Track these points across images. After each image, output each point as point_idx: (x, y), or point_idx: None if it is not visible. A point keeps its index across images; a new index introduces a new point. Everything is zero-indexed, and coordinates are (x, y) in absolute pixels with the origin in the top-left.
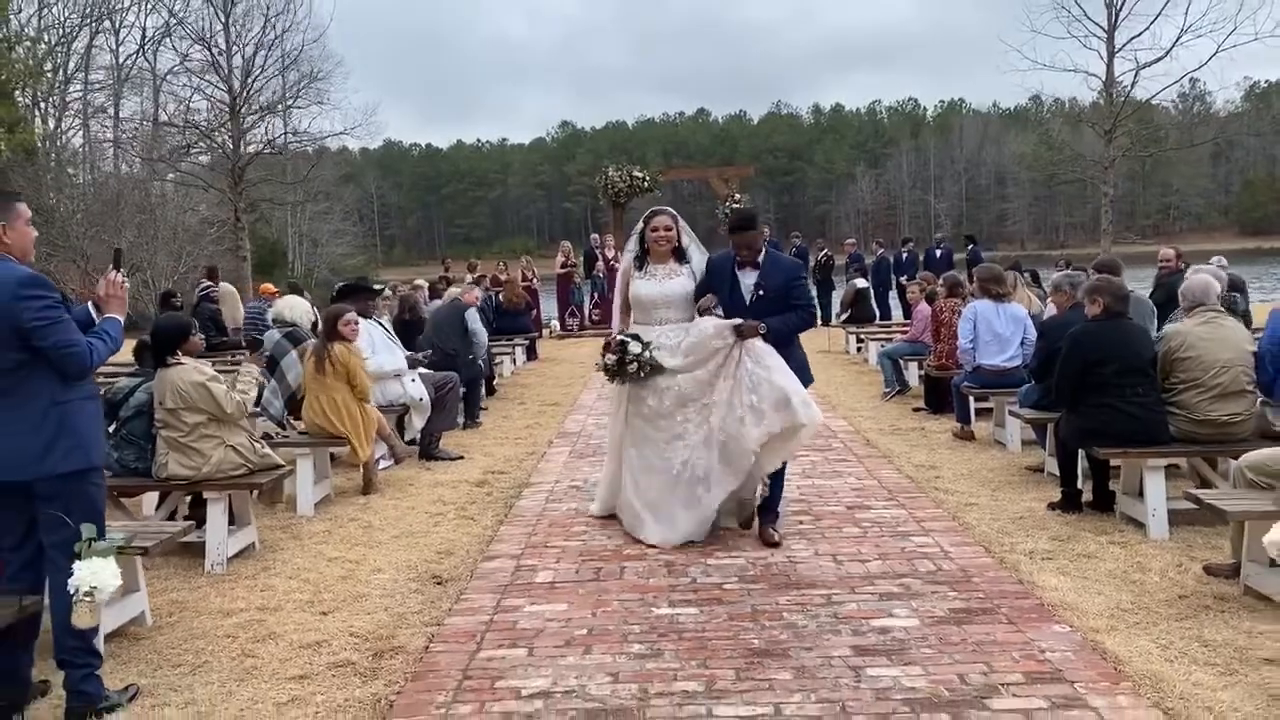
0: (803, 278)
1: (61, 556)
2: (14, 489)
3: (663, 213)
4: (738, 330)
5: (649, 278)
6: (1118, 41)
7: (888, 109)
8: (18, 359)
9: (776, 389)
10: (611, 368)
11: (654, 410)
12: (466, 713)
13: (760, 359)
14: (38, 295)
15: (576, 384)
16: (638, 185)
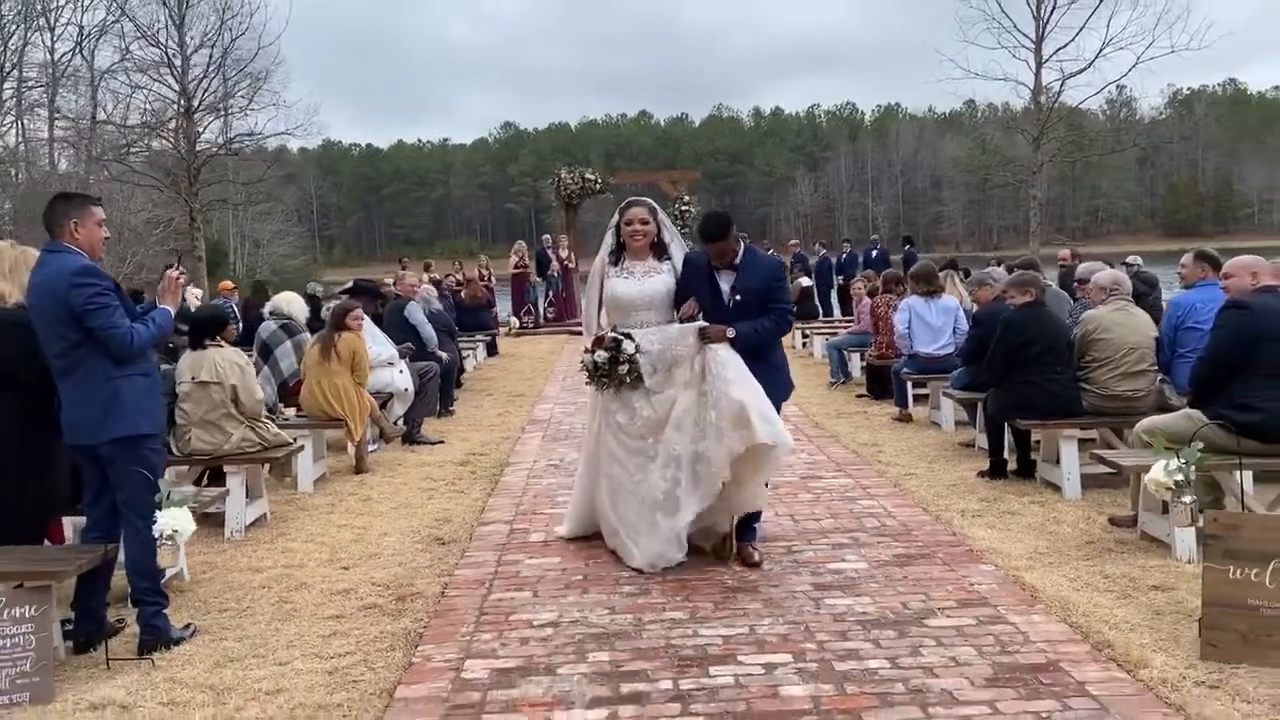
0: (782, 279)
1: (130, 511)
2: (87, 452)
3: (639, 204)
4: (702, 334)
5: (626, 276)
6: (1045, 52)
7: (826, 113)
8: (75, 339)
9: (734, 404)
10: (601, 366)
11: (624, 427)
12: (488, 639)
13: (721, 370)
14: (89, 283)
15: (539, 377)
16: (589, 187)
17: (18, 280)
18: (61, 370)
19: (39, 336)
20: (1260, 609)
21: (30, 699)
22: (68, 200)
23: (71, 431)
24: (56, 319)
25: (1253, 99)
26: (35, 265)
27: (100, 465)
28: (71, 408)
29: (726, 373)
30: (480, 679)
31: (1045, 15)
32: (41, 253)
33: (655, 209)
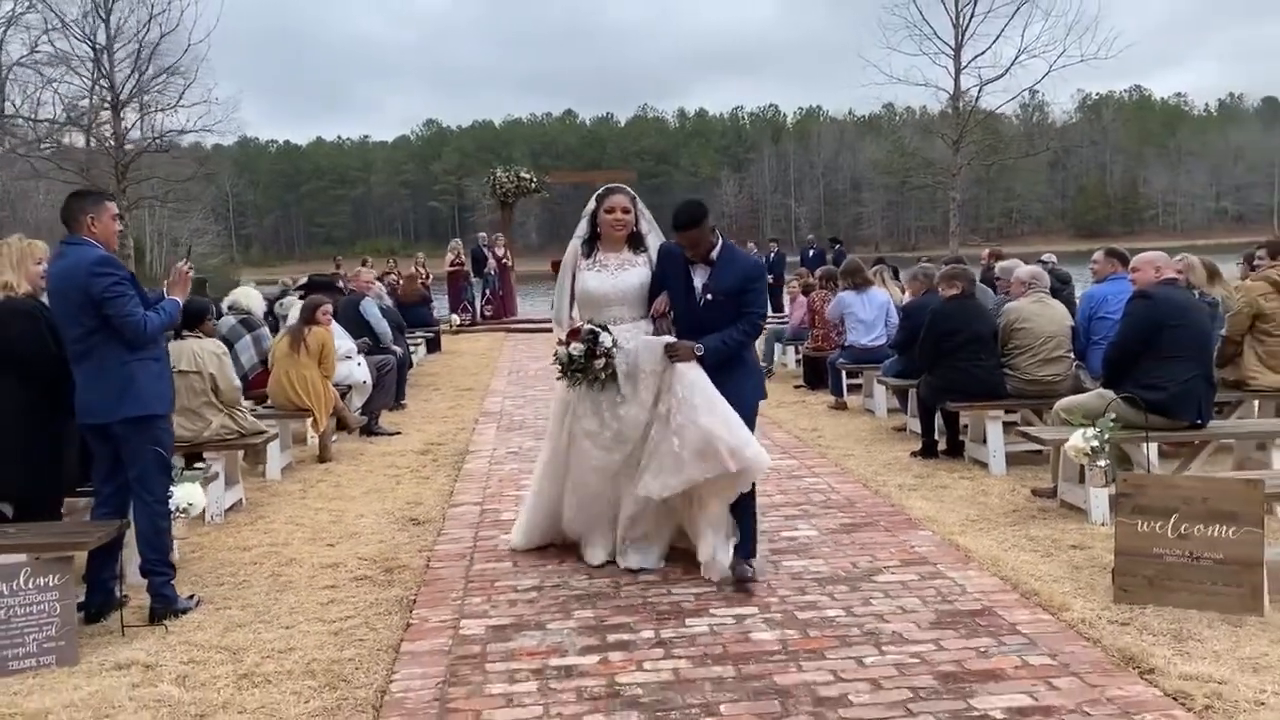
0: (761, 280)
1: (141, 487)
2: (100, 431)
3: (620, 191)
4: (669, 352)
5: (599, 268)
6: (964, 59)
7: (750, 115)
8: (92, 325)
9: (700, 433)
10: (576, 360)
11: (591, 434)
12: (478, 602)
13: (688, 394)
14: (108, 272)
15: (484, 373)
16: (525, 186)
17: (24, 271)
18: (78, 355)
19: (58, 322)
20: (1163, 556)
21: (57, 661)
22: (83, 197)
23: (87, 412)
24: (77, 305)
25: (1156, 105)
26: (54, 257)
27: (113, 444)
28: (88, 390)
29: (694, 397)
30: (478, 635)
31: (964, 23)
32: (61, 245)
33: (635, 197)
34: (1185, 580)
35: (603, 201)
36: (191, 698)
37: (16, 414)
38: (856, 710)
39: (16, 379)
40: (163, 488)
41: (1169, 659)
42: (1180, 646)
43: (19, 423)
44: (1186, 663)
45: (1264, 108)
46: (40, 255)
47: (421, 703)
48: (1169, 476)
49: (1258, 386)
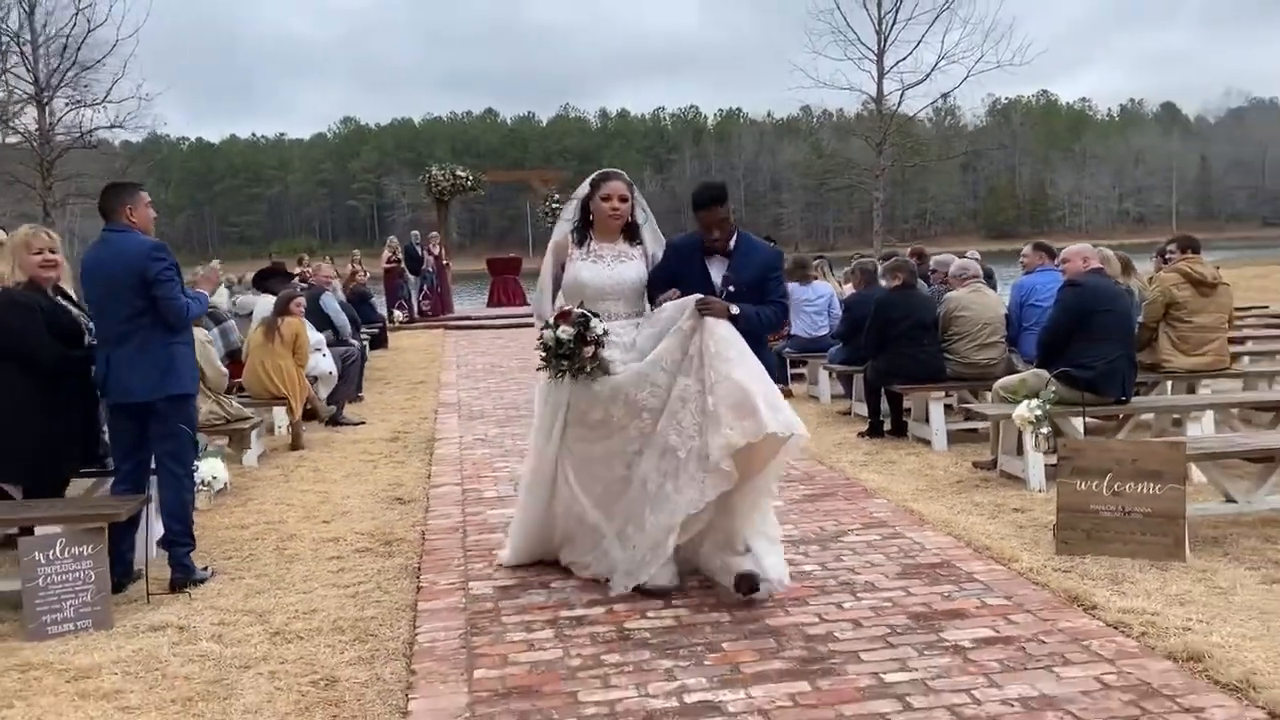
0: (780, 270)
1: (173, 461)
2: (134, 410)
3: (617, 177)
4: (701, 305)
5: (594, 259)
6: (886, 64)
7: (671, 116)
8: (140, 307)
9: (735, 388)
10: (564, 344)
11: (601, 423)
12: (480, 568)
13: (721, 349)
14: (164, 258)
15: (432, 367)
16: (460, 184)
17: (20, 261)
18: (120, 336)
19: (98, 306)
20: (1099, 512)
21: (93, 624)
22: (120, 189)
23: (124, 391)
24: (129, 287)
25: (1062, 109)
26: (97, 243)
27: (140, 423)
28: (128, 369)
29: (727, 350)
30: (487, 594)
31: (886, 30)
32: (104, 232)
33: (633, 185)
34: (1118, 532)
35: (598, 188)
36: (231, 653)
37: (19, 401)
38: (844, 644)
39: (18, 368)
40: (190, 463)
41: (1108, 597)
42: (1117, 587)
43: (22, 410)
44: (1123, 600)
45: (1163, 113)
46: (41, 245)
47: (450, 650)
48: (1104, 440)
49: (1171, 368)
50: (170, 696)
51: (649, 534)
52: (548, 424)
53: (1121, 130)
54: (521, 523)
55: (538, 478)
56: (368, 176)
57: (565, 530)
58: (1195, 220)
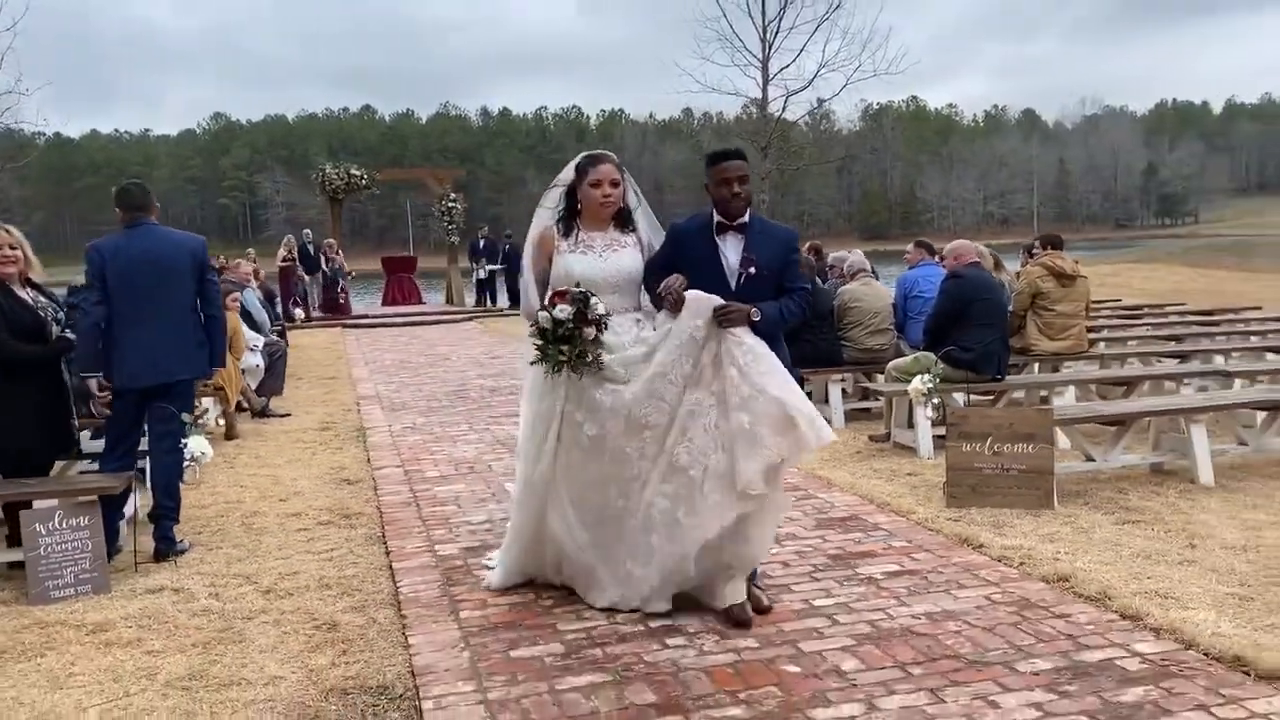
0: (798, 251)
1: (172, 440)
2: (150, 391)
3: (607, 160)
4: (720, 315)
5: (583, 250)
6: (771, 71)
7: (553, 115)
8: (195, 290)
9: (774, 404)
10: (563, 325)
11: (596, 440)
12: (442, 534)
13: (752, 362)
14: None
15: (339, 363)
16: (355, 183)
17: None
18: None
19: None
20: (982, 470)
21: (92, 589)
22: (147, 190)
23: (154, 371)
24: (190, 274)
25: (931, 115)
26: (137, 233)
27: (142, 405)
28: (175, 351)
29: (760, 363)
30: (454, 554)
31: (771, 38)
32: (146, 225)
33: (622, 166)
34: (998, 487)
35: (587, 172)
36: (231, 608)
37: None
38: (776, 580)
39: None
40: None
41: (992, 538)
42: (999, 530)
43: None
44: (1004, 539)
45: (1024, 119)
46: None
47: (432, 598)
48: (985, 408)
49: (1038, 352)
50: (189, 642)
51: (660, 564)
52: (539, 436)
53: (986, 135)
54: (514, 540)
55: (529, 495)
56: (239, 174)
57: (555, 557)
58: (1054, 222)
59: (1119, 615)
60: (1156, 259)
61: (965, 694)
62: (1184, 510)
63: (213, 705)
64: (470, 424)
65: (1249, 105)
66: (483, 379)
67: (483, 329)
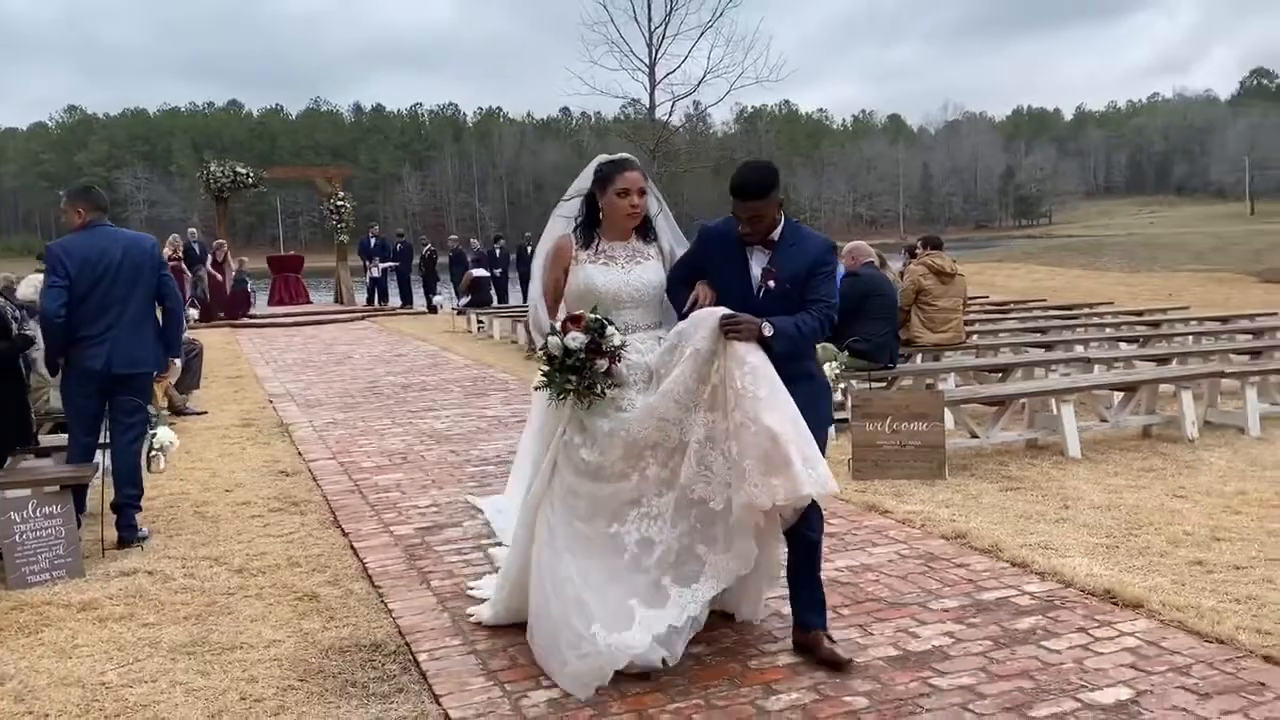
0: (831, 264)
1: (137, 430)
2: (118, 381)
3: (633, 166)
4: (727, 327)
5: (605, 261)
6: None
7: (429, 112)
8: (154, 287)
9: (766, 437)
10: (574, 355)
11: (594, 466)
12: (392, 517)
13: (750, 385)
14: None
15: (239, 362)
16: (241, 181)
17: None
18: (133, 315)
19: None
20: (883, 446)
21: (67, 573)
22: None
23: (131, 362)
24: (153, 271)
25: (803, 119)
26: (102, 233)
27: (106, 397)
28: (140, 344)
29: (757, 389)
30: (410, 534)
31: (657, 43)
32: (108, 226)
33: (645, 174)
34: (898, 461)
35: (612, 180)
36: (210, 585)
37: None
38: None
39: None
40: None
41: (895, 505)
42: (900, 498)
43: None
44: (906, 506)
45: (890, 124)
46: None
47: (401, 571)
48: (884, 392)
49: (922, 343)
50: (180, 615)
51: (674, 609)
52: (539, 451)
53: (855, 139)
54: (514, 579)
55: (528, 515)
56: (96, 170)
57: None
58: (919, 223)
59: (1009, 563)
60: (1015, 258)
61: (889, 628)
62: (1057, 478)
63: (222, 665)
64: (392, 419)
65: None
66: (392, 376)
67: (379, 328)
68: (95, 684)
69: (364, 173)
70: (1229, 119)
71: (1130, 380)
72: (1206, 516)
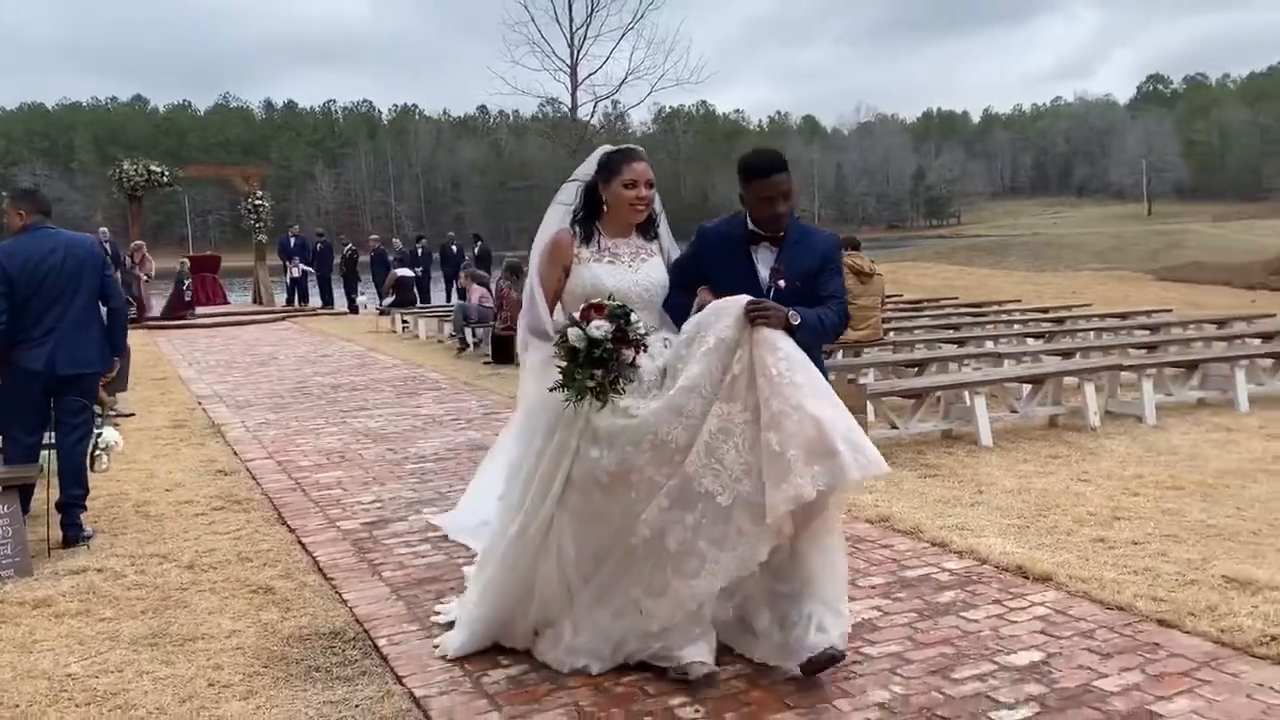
0: (838, 260)
1: (84, 430)
2: (66, 381)
3: (640, 157)
4: (753, 313)
5: (610, 259)
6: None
7: (343, 109)
8: (97, 288)
9: (810, 424)
10: (600, 345)
11: (618, 475)
12: (337, 513)
13: (786, 370)
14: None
15: (160, 364)
16: (155, 180)
17: None
18: (79, 316)
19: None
20: None
21: (15, 572)
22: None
23: (75, 363)
24: (96, 271)
25: (720, 119)
26: (45, 236)
27: (48, 397)
28: (85, 345)
29: (795, 374)
30: (357, 529)
31: (578, 44)
32: (49, 228)
33: None
34: None
35: (619, 170)
36: (162, 581)
37: None
38: None
39: None
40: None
41: None
42: None
43: None
44: None
45: (804, 125)
46: None
47: (352, 564)
48: None
49: (843, 341)
50: (137, 609)
51: (671, 602)
52: (547, 477)
53: (770, 139)
54: (490, 600)
55: (525, 543)
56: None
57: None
58: (834, 223)
59: (930, 544)
60: (927, 258)
61: None
62: (971, 465)
63: (186, 655)
64: (325, 418)
65: (1003, 115)
66: (320, 376)
67: (300, 328)
68: (61, 676)
69: (276, 170)
70: (1127, 122)
71: (1037, 374)
72: (1108, 498)
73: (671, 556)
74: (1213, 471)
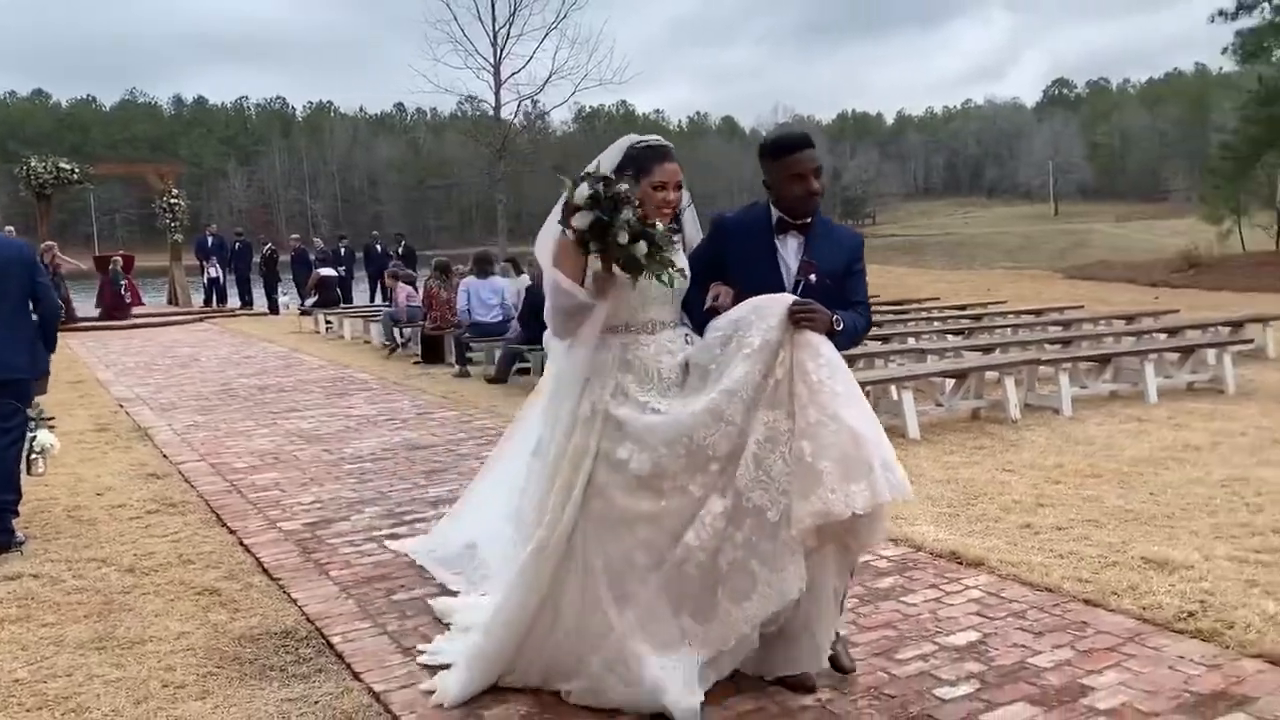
0: (863, 261)
1: (14, 433)
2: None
3: (670, 157)
4: (800, 314)
5: None
6: (503, 75)
7: (255, 106)
8: (27, 295)
9: (849, 437)
10: (602, 197)
11: (649, 480)
12: (278, 514)
13: (827, 378)
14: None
15: (76, 366)
16: (65, 177)
17: None
18: (7, 317)
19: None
20: None
21: None
22: None
23: (6, 367)
24: (28, 276)
25: (640, 119)
26: None
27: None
28: (11, 348)
29: (834, 383)
30: (299, 529)
31: (502, 43)
32: None
33: None
34: None
35: (649, 170)
36: (103, 585)
37: None
38: None
39: None
40: None
41: None
42: None
43: None
44: None
45: (724, 125)
46: None
47: (297, 564)
48: None
49: None
50: (79, 614)
51: (721, 627)
52: (565, 483)
53: (690, 140)
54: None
55: (545, 559)
56: None
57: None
58: None
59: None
60: None
61: None
62: (901, 457)
63: (135, 657)
64: (255, 420)
65: (916, 117)
66: (245, 378)
67: (220, 329)
68: (7, 682)
69: (186, 167)
70: (1034, 125)
71: (961, 368)
72: (1031, 486)
73: (723, 576)
74: (1127, 460)
